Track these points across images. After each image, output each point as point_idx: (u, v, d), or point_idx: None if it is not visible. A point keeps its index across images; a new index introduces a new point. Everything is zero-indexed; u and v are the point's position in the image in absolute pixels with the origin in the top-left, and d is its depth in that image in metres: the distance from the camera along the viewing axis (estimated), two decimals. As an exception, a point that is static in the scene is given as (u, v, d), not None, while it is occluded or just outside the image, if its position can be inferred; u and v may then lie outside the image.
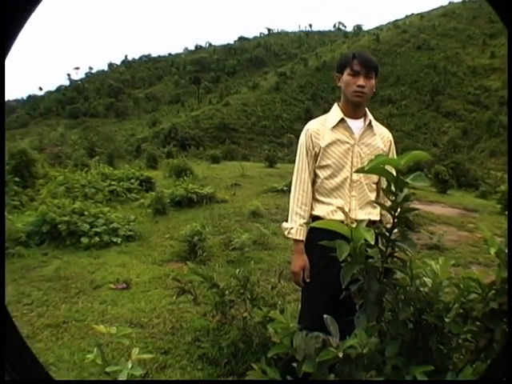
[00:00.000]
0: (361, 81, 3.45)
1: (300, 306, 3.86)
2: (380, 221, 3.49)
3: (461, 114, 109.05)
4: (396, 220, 2.15)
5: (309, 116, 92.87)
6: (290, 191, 3.76)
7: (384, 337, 2.20)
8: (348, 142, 3.52)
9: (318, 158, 3.58)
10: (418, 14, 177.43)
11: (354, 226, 2.08)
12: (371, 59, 3.52)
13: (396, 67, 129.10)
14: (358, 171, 3.22)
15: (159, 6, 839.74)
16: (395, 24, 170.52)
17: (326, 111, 3.82)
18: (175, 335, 5.49)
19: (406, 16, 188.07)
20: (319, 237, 2.39)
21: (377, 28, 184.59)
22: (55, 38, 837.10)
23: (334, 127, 3.56)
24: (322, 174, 3.59)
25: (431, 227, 12.17)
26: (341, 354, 1.95)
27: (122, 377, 2.38)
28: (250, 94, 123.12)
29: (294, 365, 2.12)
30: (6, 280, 7.47)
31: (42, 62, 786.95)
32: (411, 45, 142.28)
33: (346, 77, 3.52)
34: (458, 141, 68.06)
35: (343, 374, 2.01)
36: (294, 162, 3.65)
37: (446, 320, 2.16)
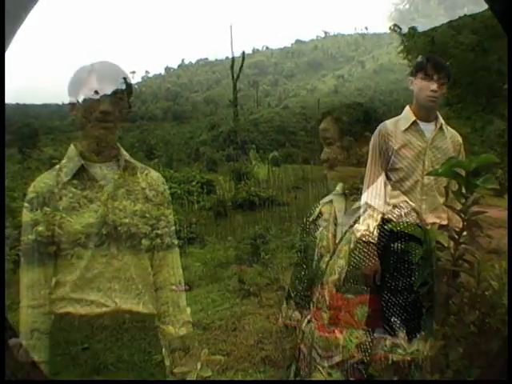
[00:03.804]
0: (434, 86, 3.41)
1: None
2: (447, 224, 3.46)
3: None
4: (465, 223, 2.15)
5: (367, 119, 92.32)
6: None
7: (448, 340, 2.20)
8: (420, 145, 3.49)
9: (390, 161, 3.54)
10: (470, 15, 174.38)
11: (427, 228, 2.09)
12: (445, 64, 3.50)
13: (451, 69, 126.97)
14: (430, 174, 3.20)
15: (215, 10, 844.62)
16: (449, 25, 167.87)
17: (384, 114, 3.78)
18: (237, 337, 5.51)
19: (459, 17, 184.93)
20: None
21: (432, 29, 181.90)
22: (110, 41, 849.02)
23: (406, 129, 3.53)
24: (393, 176, 3.54)
25: (489, 231, 12.00)
26: (409, 357, 1.96)
27: (191, 378, 2.42)
28: (308, 97, 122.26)
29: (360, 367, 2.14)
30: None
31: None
32: (465, 46, 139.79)
33: (419, 81, 3.50)
34: (515, 144, 66.53)
35: (407, 377, 2.02)
36: (353, 165, 3.60)
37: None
